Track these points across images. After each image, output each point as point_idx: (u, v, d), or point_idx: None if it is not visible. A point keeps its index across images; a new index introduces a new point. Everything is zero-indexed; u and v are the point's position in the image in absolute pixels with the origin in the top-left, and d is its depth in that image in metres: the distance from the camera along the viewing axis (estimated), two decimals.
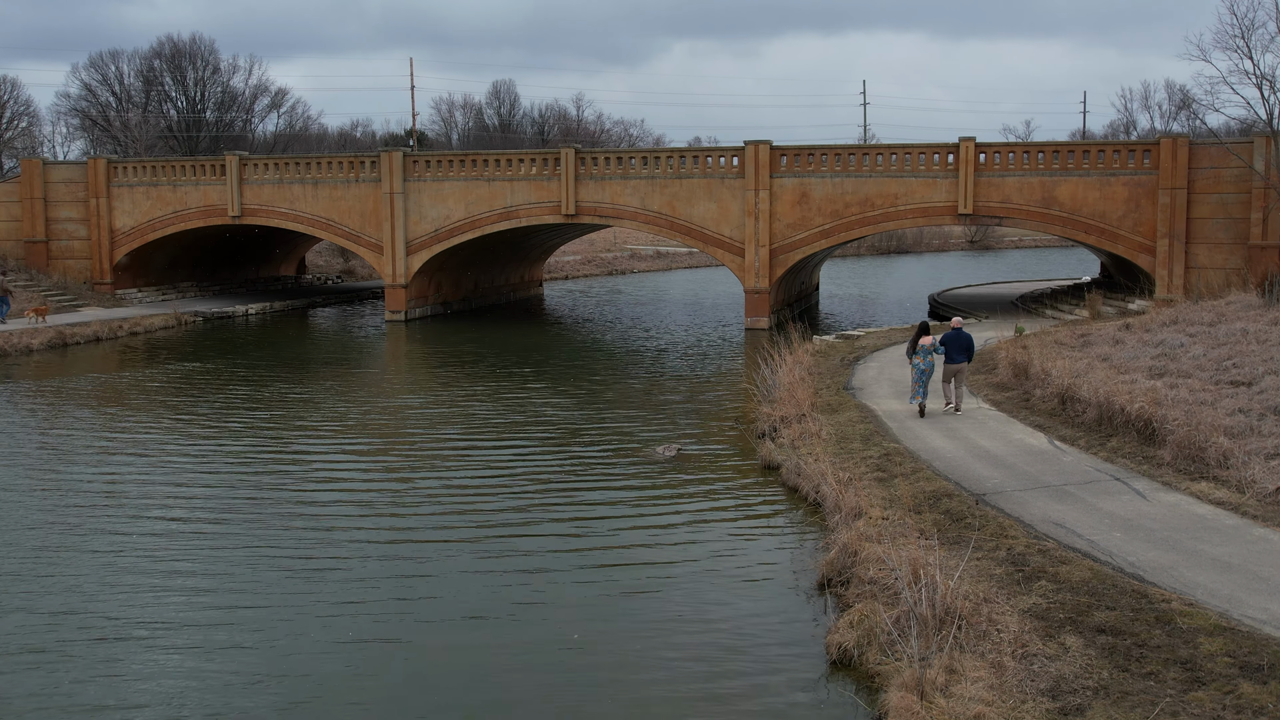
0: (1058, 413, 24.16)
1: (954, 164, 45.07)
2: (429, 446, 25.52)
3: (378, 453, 24.98)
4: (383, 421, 28.60)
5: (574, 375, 35.90)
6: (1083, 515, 16.82)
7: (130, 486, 21.80)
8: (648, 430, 26.58)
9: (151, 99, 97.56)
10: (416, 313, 52.25)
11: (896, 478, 19.50)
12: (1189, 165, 42.90)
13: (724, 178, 47.37)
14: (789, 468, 21.03)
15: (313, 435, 26.91)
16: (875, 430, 23.47)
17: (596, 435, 26.33)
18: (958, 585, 13.14)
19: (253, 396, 32.01)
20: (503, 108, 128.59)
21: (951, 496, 18.08)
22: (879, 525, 16.51)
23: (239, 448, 25.32)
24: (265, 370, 37.00)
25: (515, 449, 25.02)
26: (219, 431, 27.12)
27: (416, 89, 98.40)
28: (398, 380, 36.09)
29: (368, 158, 52.41)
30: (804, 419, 24.54)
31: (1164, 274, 43.41)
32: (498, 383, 34.00)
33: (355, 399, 31.71)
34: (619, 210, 48.79)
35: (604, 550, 17.77)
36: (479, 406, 30.23)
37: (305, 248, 69.00)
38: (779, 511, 19.54)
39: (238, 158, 53.16)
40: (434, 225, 50.76)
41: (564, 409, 29.57)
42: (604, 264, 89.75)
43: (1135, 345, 29.77)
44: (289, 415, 29.29)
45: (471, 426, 27.67)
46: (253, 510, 20.03)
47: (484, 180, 50.07)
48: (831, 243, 47.14)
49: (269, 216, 53.15)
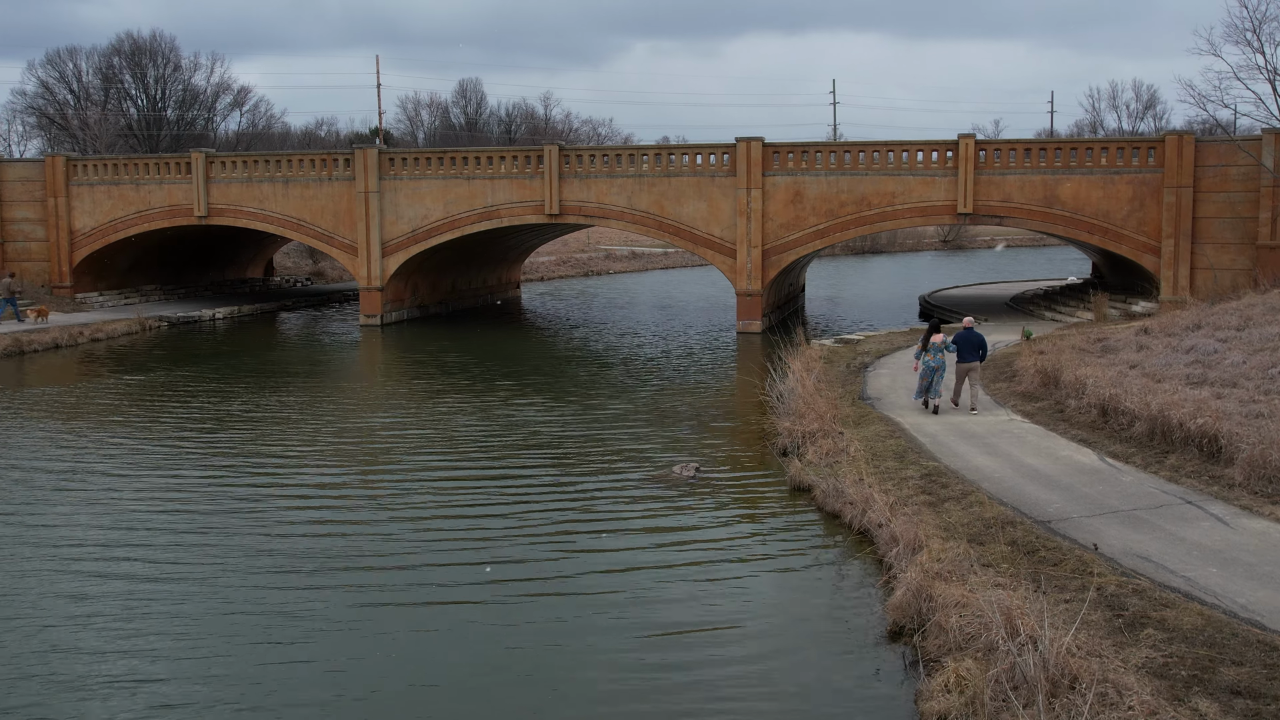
0: (1099, 425, 22.57)
1: (953, 162, 43.57)
2: (413, 472, 22.79)
3: (354, 483, 22.01)
4: (360, 443, 25.79)
5: (566, 385, 33.95)
6: (1167, 547, 15.17)
7: (74, 527, 19.66)
8: (656, 447, 24.66)
9: (111, 97, 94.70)
10: (393, 317, 50.13)
11: (947, 502, 17.80)
12: (1195, 163, 41.63)
13: (714, 176, 45.62)
14: (825, 490, 19.25)
15: (283, 460, 24.20)
16: (908, 446, 21.77)
17: (601, 455, 24.10)
18: (1067, 639, 11.41)
19: (219, 413, 29.66)
20: (469, 106, 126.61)
21: (1014, 524, 16.38)
22: (944, 560, 14.78)
23: (200, 474, 22.74)
24: (233, 381, 34.71)
25: (511, 474, 22.68)
26: (180, 455, 24.74)
27: (380, 88, 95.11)
28: (376, 393, 33.59)
29: (341, 155, 50.24)
30: (828, 434, 22.82)
31: (1169, 275, 42.10)
32: (485, 395, 31.82)
33: (330, 416, 29.25)
34: (605, 210, 46.93)
35: (627, 596, 15.56)
36: (467, 424, 27.72)
37: (273, 249, 66.63)
38: (822, 542, 17.73)
39: (204, 155, 50.81)
40: (411, 226, 48.67)
41: (560, 424, 27.40)
42: (579, 265, 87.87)
43: (1164, 351, 28.30)
44: (257, 435, 26.63)
45: (460, 448, 25.08)
46: (213, 551, 17.69)
47: (463, 179, 48.04)
48: (826, 243, 45.52)
49: (237, 216, 50.83)
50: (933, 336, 24.98)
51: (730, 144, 45.39)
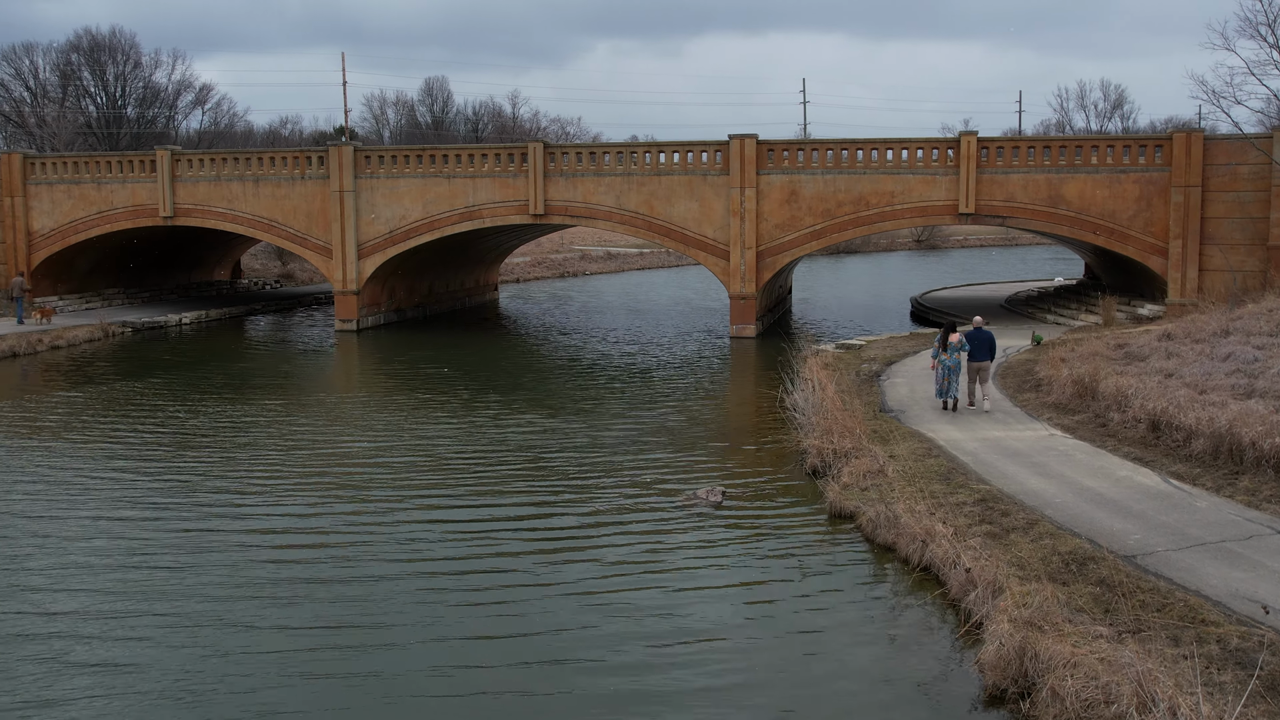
0: (1151, 442, 21.02)
1: (954, 160, 42.07)
2: (400, 500, 20.46)
3: (336, 525, 18.99)
4: (342, 471, 22.79)
5: (560, 400, 31.93)
6: (1278, 587, 13.57)
7: (25, 554, 17.62)
8: (671, 469, 22.73)
9: (69, 94, 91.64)
10: (369, 321, 48.01)
11: (1012, 533, 16.12)
12: (1203, 161, 40.36)
13: (706, 174, 43.87)
14: (874, 519, 17.49)
15: (255, 484, 21.97)
16: (951, 467, 20.10)
17: (612, 481, 21.72)
18: (1206, 709, 9.73)
19: (187, 431, 27.31)
20: (436, 105, 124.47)
21: (1095, 560, 14.72)
22: (1030, 605, 13.08)
23: (166, 501, 20.65)
24: (203, 394, 32.40)
25: (510, 503, 20.43)
26: (141, 481, 22.46)
27: (346, 85, 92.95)
28: (355, 410, 30.67)
29: (314, 152, 48.04)
30: (861, 452, 21.11)
31: (1176, 277, 40.80)
32: (473, 409, 29.56)
33: (306, 433, 26.87)
34: (592, 210, 45.06)
35: (667, 651, 13.57)
36: (458, 449, 24.89)
37: (241, 250, 64.23)
38: (880, 581, 15.92)
39: (169, 152, 48.45)
40: (388, 226, 46.58)
41: (560, 446, 24.93)
42: (555, 266, 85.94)
43: (1198, 359, 26.81)
44: (228, 459, 24.20)
45: (453, 478, 22.18)
46: (174, 592, 15.72)
47: (443, 177, 46.00)
48: (823, 244, 43.90)
49: (205, 217, 48.54)
50: (950, 336, 25.25)
51: (723, 141, 43.66)
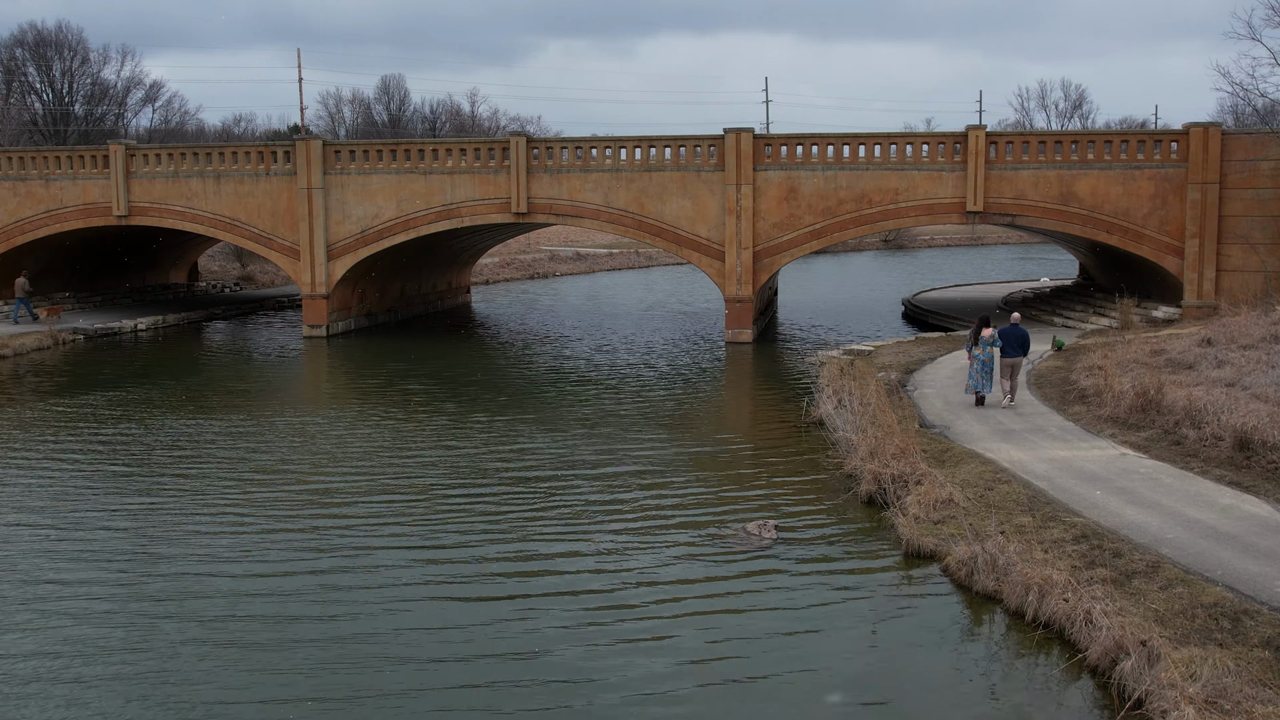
0: (1241, 463, 18.92)
1: (961, 155, 40.02)
2: (395, 549, 17.46)
3: (311, 569, 16.46)
4: (319, 509, 19.75)
5: (556, 414, 29.17)
6: None
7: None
8: (704, 498, 20.20)
9: (13, 90, 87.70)
10: (339, 327, 45.18)
11: (1134, 578, 13.87)
12: (1221, 157, 38.60)
13: (700, 171, 41.50)
14: (964, 560, 15.13)
15: (219, 517, 19.33)
16: (1030, 495, 17.84)
17: (641, 514, 19.02)
18: None
19: (140, 452, 24.77)
20: (393, 103, 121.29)
21: (1250, 614, 12.52)
22: (1199, 677, 10.82)
23: (112, 538, 18.05)
24: (160, 408, 29.56)
25: (528, 547, 17.58)
26: (91, 510, 20.02)
27: (302, 82, 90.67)
28: (332, 431, 27.22)
29: (280, 147, 45.11)
30: (919, 476, 18.83)
31: (1193, 278, 39.00)
32: (463, 430, 26.51)
33: (277, 461, 24.07)
34: (578, 208, 42.54)
35: None
36: (450, 475, 21.90)
37: (198, 251, 60.98)
38: (989, 640, 13.56)
39: (123, 147, 45.33)
40: (360, 226, 43.78)
41: (568, 470, 22.12)
42: (524, 267, 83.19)
43: (1254, 367, 24.86)
44: (186, 481, 21.70)
45: (448, 511, 19.32)
46: (115, 644, 13.30)
47: (419, 173, 43.28)
48: (824, 244, 41.70)
49: (162, 216, 45.45)
50: (983, 331, 25.57)
51: (718, 135, 41.31)
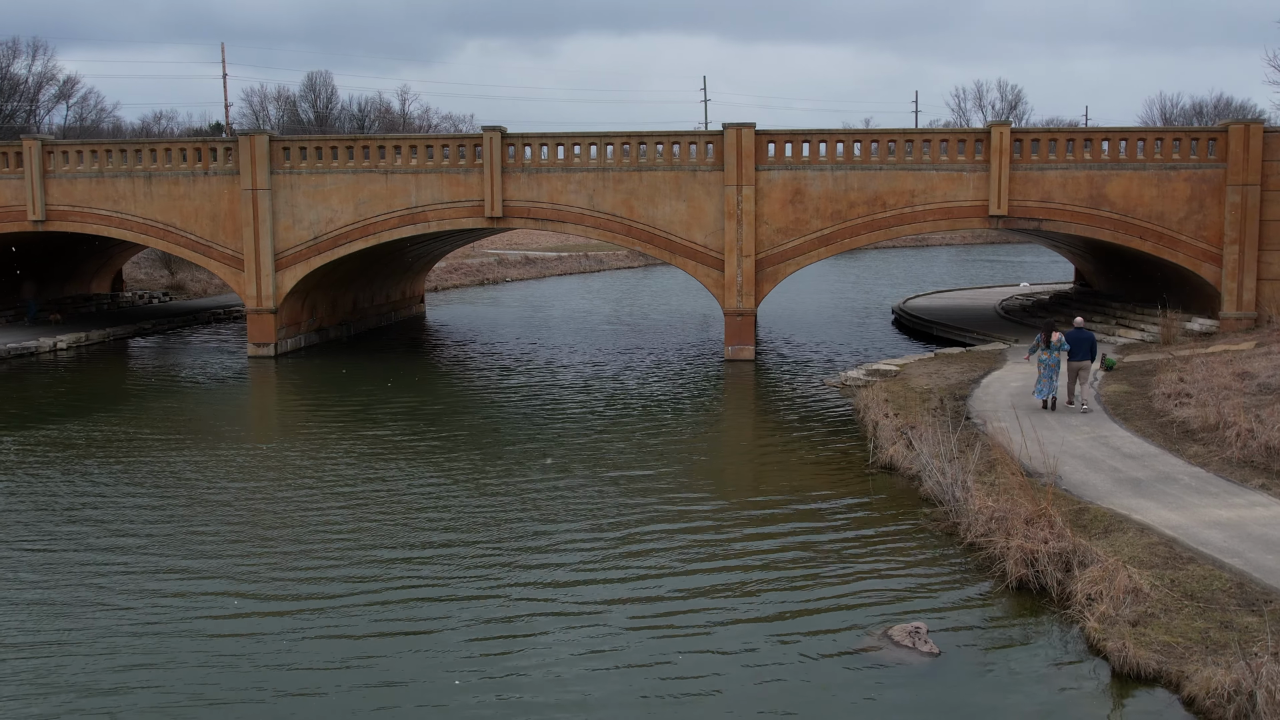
0: None
1: (983, 154, 36.56)
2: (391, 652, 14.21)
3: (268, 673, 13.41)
4: (278, 579, 16.39)
5: (563, 453, 25.25)
6: None
7: None
8: (794, 578, 16.20)
9: None
10: (289, 344, 40.41)
11: None
12: (1263, 157, 35.63)
13: (696, 170, 37.50)
14: (1226, 692, 11.25)
15: (161, 570, 15.42)
16: (1233, 580, 14.08)
17: (733, 611, 14.96)
18: None
19: (59, 501, 20.22)
20: (319, 101, 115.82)
21: None
22: None
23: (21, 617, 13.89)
24: (86, 444, 24.94)
25: (575, 648, 13.97)
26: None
27: (214, 81, 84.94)
28: (291, 465, 23.43)
29: (220, 144, 40.20)
30: (1078, 553, 15.01)
31: (1232, 287, 35.96)
32: (448, 476, 22.40)
33: (224, 515, 19.85)
34: (560, 211, 38.28)
35: None
36: (462, 555, 17.50)
37: (123, 258, 55.45)
38: None
39: (39, 143, 40.10)
40: (312, 232, 39.08)
41: (593, 535, 18.13)
42: (472, 272, 78.53)
43: None
44: (117, 533, 17.56)
45: (455, 598, 15.83)
46: None
47: (380, 173, 38.72)
48: (832, 251, 37.87)
49: (85, 221, 40.28)
50: (1051, 335, 25.65)
51: (716, 131, 37.40)
